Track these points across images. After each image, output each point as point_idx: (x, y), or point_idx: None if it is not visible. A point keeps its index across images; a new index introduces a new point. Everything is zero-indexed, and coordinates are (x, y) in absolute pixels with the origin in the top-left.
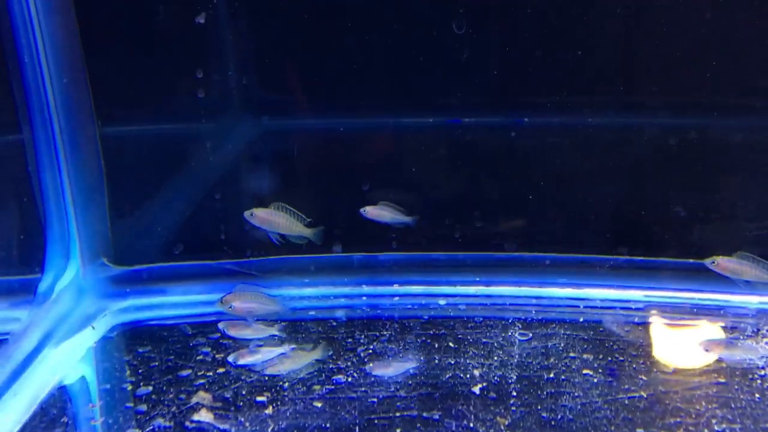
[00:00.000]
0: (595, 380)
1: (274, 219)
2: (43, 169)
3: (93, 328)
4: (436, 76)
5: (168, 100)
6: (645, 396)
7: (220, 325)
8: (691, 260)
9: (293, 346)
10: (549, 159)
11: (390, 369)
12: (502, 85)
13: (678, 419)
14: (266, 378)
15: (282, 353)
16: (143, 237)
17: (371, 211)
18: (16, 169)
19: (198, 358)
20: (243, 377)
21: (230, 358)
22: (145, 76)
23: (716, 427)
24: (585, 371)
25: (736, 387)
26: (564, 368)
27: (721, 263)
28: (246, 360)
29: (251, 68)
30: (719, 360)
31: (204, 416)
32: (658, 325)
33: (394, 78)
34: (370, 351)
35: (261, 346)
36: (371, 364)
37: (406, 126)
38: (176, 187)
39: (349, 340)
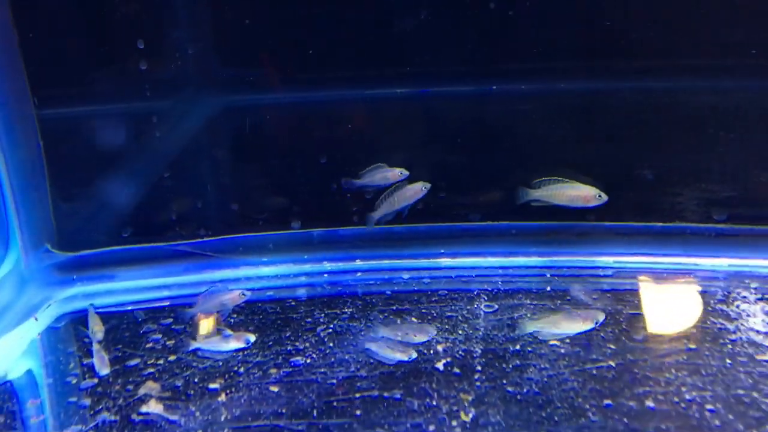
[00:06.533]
0: (562, 351)
1: None
2: None
3: (36, 319)
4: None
5: (111, 77)
6: (614, 365)
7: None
8: (660, 224)
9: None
10: (515, 127)
11: None
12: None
13: (647, 388)
14: (220, 363)
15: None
16: (89, 220)
17: None
18: None
19: (148, 345)
20: (195, 364)
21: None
22: (82, 54)
23: (687, 396)
24: (552, 342)
25: (706, 353)
26: (530, 340)
27: None
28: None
29: (203, 42)
30: (691, 325)
31: (153, 407)
32: (627, 291)
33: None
34: (330, 330)
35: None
36: None
37: (372, 97)
38: (123, 166)
39: (309, 319)
